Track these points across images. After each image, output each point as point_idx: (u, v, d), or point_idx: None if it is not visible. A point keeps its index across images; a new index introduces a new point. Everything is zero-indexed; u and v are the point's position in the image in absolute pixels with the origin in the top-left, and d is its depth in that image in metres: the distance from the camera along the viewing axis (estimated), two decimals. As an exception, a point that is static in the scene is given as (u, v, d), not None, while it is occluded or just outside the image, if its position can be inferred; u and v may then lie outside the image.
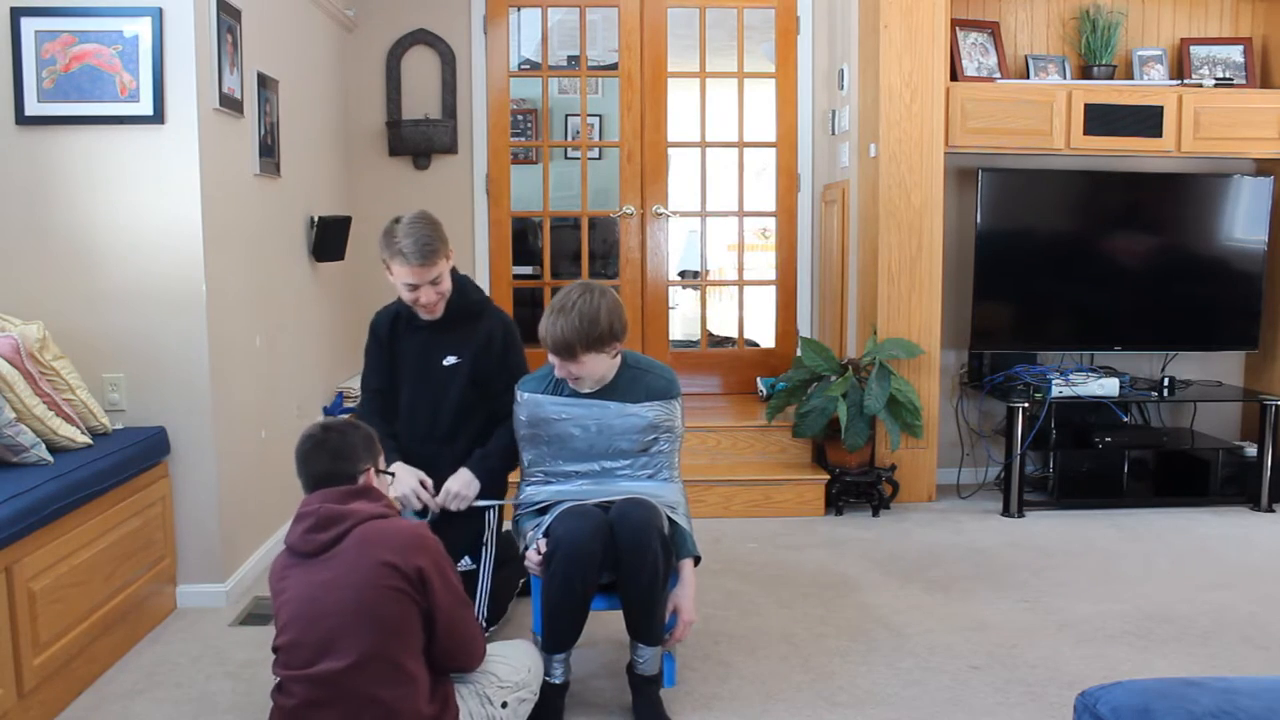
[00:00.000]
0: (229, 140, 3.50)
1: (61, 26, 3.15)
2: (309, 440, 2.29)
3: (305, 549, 2.19)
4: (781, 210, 5.41)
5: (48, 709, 2.63)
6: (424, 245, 2.87)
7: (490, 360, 3.04)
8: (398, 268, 2.89)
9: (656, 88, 5.29)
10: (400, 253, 2.86)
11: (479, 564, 3.05)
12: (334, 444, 2.27)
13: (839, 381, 4.44)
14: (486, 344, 3.04)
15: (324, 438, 2.28)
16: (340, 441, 2.28)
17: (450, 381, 3.03)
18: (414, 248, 2.86)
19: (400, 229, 2.89)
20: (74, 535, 2.75)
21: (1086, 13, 4.90)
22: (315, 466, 2.27)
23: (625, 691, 2.70)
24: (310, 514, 2.21)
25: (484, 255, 5.28)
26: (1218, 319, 4.89)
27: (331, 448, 2.27)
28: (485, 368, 3.04)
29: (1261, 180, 4.83)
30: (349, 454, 2.28)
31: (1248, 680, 1.84)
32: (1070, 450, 4.77)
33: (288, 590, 2.20)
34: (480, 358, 3.03)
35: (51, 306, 3.20)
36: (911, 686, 2.84)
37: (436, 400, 3.04)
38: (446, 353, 3.04)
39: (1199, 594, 3.55)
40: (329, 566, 2.16)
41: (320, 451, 2.27)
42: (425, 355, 3.04)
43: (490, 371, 3.04)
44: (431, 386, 3.04)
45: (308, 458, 2.28)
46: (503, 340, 3.06)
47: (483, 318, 3.07)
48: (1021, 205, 4.83)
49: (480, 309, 3.09)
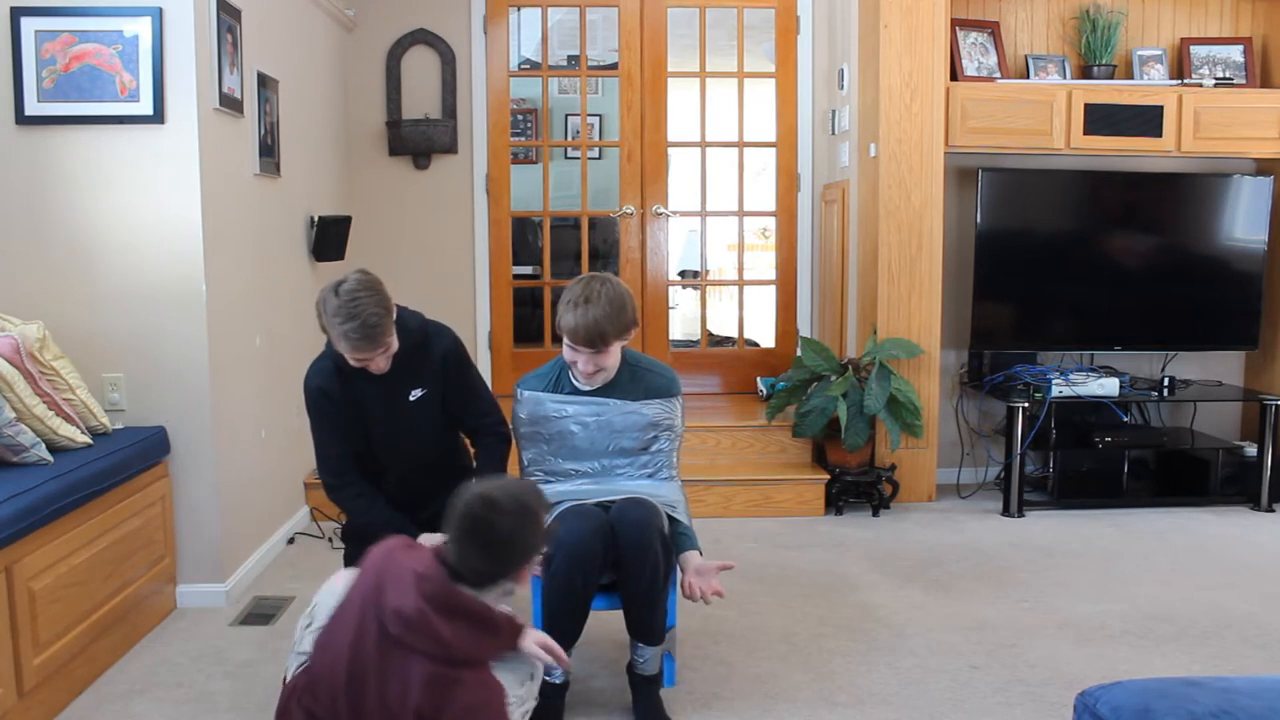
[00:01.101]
0: (229, 140, 3.50)
1: (61, 26, 3.15)
2: (487, 507, 1.98)
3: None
4: (781, 210, 5.41)
5: (48, 709, 2.63)
6: (369, 329, 2.61)
7: (450, 378, 2.89)
8: (343, 348, 2.67)
9: (656, 88, 5.29)
10: (345, 338, 2.62)
11: None
12: (506, 530, 1.98)
13: (839, 381, 4.44)
14: (443, 366, 2.87)
15: (495, 518, 1.98)
16: (514, 528, 1.99)
17: (421, 414, 2.87)
18: (359, 334, 2.60)
19: (339, 307, 2.60)
20: (74, 535, 2.75)
21: (1086, 12, 4.90)
22: (475, 558, 1.98)
23: (625, 691, 2.70)
24: (405, 617, 1.95)
25: (484, 255, 5.28)
26: (1218, 319, 4.89)
27: (502, 534, 1.98)
28: (448, 388, 2.89)
29: (1261, 180, 4.83)
30: (517, 549, 2.00)
31: (1248, 680, 1.84)
32: (1070, 450, 4.77)
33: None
34: (444, 381, 2.88)
35: (51, 306, 3.20)
36: (911, 686, 2.84)
37: (416, 435, 2.89)
38: (410, 387, 2.85)
39: (1199, 594, 3.55)
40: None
41: (490, 532, 1.98)
42: (390, 397, 2.84)
43: (451, 389, 2.90)
44: (405, 423, 2.87)
45: (479, 532, 1.98)
46: (456, 358, 2.90)
47: (430, 342, 2.87)
48: (1021, 205, 4.83)
49: (425, 335, 2.88)
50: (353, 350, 2.66)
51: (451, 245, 5.25)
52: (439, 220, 5.24)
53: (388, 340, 2.69)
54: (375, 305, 2.62)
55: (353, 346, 2.64)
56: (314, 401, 2.82)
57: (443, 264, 5.25)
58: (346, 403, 2.83)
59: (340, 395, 2.82)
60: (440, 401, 2.89)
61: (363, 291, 2.60)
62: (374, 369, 2.75)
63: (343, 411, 2.82)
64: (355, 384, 2.81)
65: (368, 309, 2.59)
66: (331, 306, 2.62)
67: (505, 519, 1.98)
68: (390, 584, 2.00)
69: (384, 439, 2.88)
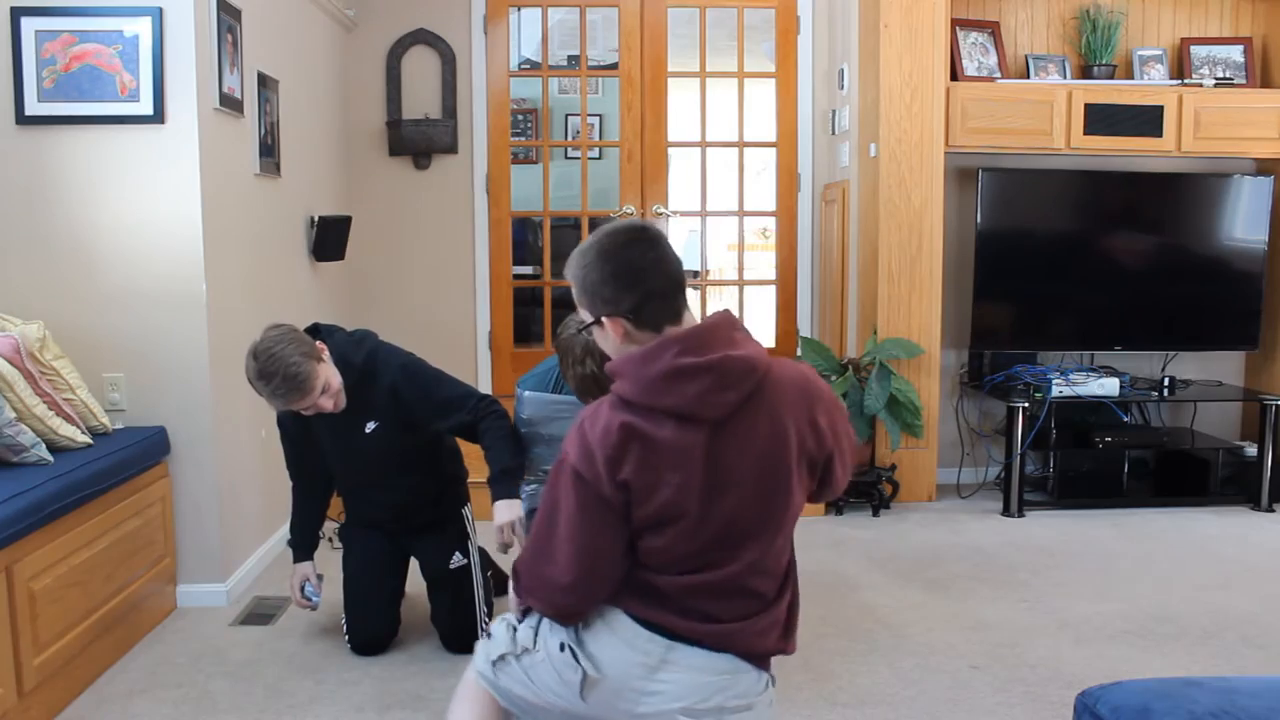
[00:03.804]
0: (229, 140, 3.50)
1: (62, 26, 3.15)
2: (629, 243, 1.71)
3: (707, 415, 1.65)
4: (781, 210, 5.41)
5: (48, 709, 2.63)
6: (292, 380, 2.62)
7: (408, 408, 2.87)
8: (277, 405, 2.73)
9: (656, 88, 5.29)
10: (273, 396, 2.66)
11: (469, 558, 3.06)
12: (664, 243, 1.72)
13: (839, 381, 4.44)
14: (394, 399, 2.85)
15: (650, 234, 1.72)
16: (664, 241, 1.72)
17: (378, 444, 2.90)
18: (286, 387, 2.62)
19: (258, 370, 2.63)
20: (74, 535, 2.75)
21: (1086, 12, 4.90)
22: (659, 279, 1.69)
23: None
24: (713, 364, 1.63)
25: (484, 255, 5.28)
26: (1218, 319, 4.89)
27: (666, 250, 1.72)
28: (409, 416, 2.88)
29: (1261, 180, 4.83)
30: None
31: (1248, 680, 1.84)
32: (1070, 450, 4.77)
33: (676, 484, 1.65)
34: (397, 412, 2.87)
35: (51, 306, 3.20)
36: (911, 686, 2.84)
37: (371, 464, 2.94)
38: (364, 420, 2.87)
39: (1199, 594, 3.55)
40: (740, 435, 1.67)
41: (659, 250, 1.71)
42: (346, 431, 2.89)
43: (417, 415, 2.88)
44: (364, 455, 2.92)
45: (644, 261, 1.69)
46: (408, 388, 2.86)
47: (377, 375, 2.86)
48: (1021, 205, 4.83)
49: (371, 367, 2.86)
50: (287, 404, 2.70)
51: (451, 245, 5.24)
52: (439, 220, 5.24)
53: (320, 384, 2.70)
54: (294, 354, 2.63)
55: (285, 401, 2.68)
56: (279, 427, 3.05)
57: (443, 264, 5.25)
58: (305, 435, 2.98)
59: (296, 430, 2.99)
60: (399, 431, 2.90)
61: (277, 345, 2.63)
62: (327, 410, 2.78)
63: (297, 443, 3.03)
64: (312, 419, 2.88)
65: (286, 360, 2.61)
66: (252, 370, 2.65)
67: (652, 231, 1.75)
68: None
69: (346, 470, 3.03)
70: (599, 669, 1.77)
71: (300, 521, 3.17)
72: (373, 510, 3.08)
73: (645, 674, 1.76)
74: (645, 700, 1.77)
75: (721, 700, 1.78)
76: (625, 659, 1.76)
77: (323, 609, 3.26)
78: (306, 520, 3.18)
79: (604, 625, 1.78)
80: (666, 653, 1.75)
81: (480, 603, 3.04)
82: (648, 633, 1.76)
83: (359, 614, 3.04)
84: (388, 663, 2.99)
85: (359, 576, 3.08)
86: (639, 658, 1.76)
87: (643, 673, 1.76)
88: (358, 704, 2.73)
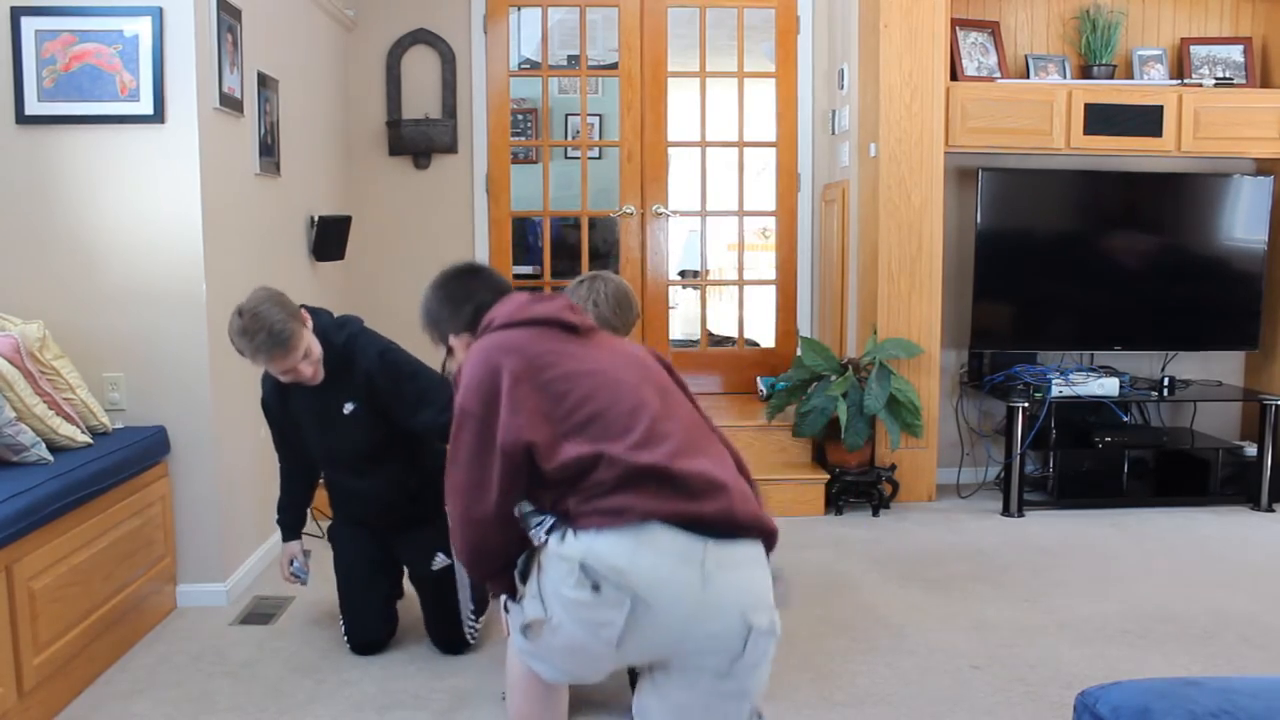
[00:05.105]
0: (229, 140, 3.50)
1: (62, 26, 3.15)
2: (460, 272, 2.13)
3: (576, 323, 1.95)
4: (781, 210, 5.41)
5: (48, 709, 2.63)
6: (277, 335, 2.66)
7: (383, 396, 2.88)
8: (257, 365, 2.77)
9: (656, 87, 5.29)
10: (255, 353, 2.69)
11: (452, 559, 2.97)
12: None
13: (839, 381, 4.44)
14: (370, 386, 2.87)
15: (473, 266, 2.17)
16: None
17: (355, 426, 2.91)
18: (267, 343, 2.66)
19: (243, 326, 2.67)
20: (74, 535, 2.75)
21: (1086, 12, 4.90)
22: (489, 292, 2.06)
23: (625, 691, 2.70)
24: (557, 296, 2.01)
25: (484, 255, 5.28)
26: (1218, 319, 4.89)
27: (488, 272, 2.16)
28: (383, 404, 2.89)
29: (1261, 180, 4.83)
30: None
31: (1248, 680, 1.84)
32: (1070, 450, 4.77)
33: (573, 364, 1.88)
34: (373, 398, 2.88)
35: (51, 306, 3.20)
36: (911, 686, 2.84)
37: (348, 445, 2.95)
38: (342, 401, 2.89)
39: (1199, 594, 3.55)
40: (602, 348, 1.95)
41: (483, 277, 2.12)
42: (323, 409, 2.91)
43: (391, 405, 2.88)
44: (340, 435, 2.93)
45: (473, 280, 2.09)
46: (384, 376, 2.87)
47: (355, 358, 2.88)
48: (1021, 205, 4.83)
49: (349, 349, 2.88)
50: (270, 362, 2.71)
51: (451, 245, 5.24)
52: (439, 220, 5.24)
53: (302, 346, 2.73)
54: (280, 313, 2.68)
55: (269, 357, 2.69)
56: (262, 405, 3.08)
57: (443, 264, 5.15)
58: (286, 416, 3.01)
59: (279, 410, 3.02)
60: (375, 416, 2.90)
61: (264, 305, 2.68)
62: (306, 377, 2.79)
63: (278, 421, 3.06)
64: (293, 398, 2.94)
65: (272, 318, 2.66)
66: (236, 327, 2.68)
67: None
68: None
69: (324, 451, 3.02)
70: (644, 592, 1.73)
71: (287, 502, 3.19)
72: (353, 503, 3.07)
73: (700, 582, 1.75)
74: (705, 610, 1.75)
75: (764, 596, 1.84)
76: (673, 571, 1.74)
77: (323, 608, 3.26)
78: (293, 500, 3.19)
79: (637, 545, 1.74)
80: (705, 553, 1.76)
81: (465, 604, 3.00)
82: (686, 535, 1.75)
83: (354, 616, 3.04)
84: (387, 663, 2.99)
85: (351, 578, 3.07)
86: (684, 569, 1.74)
87: (698, 578, 1.75)
88: (358, 704, 2.73)
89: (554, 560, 1.79)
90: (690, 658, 1.79)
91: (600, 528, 1.75)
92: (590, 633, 1.78)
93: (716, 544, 1.77)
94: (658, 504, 1.75)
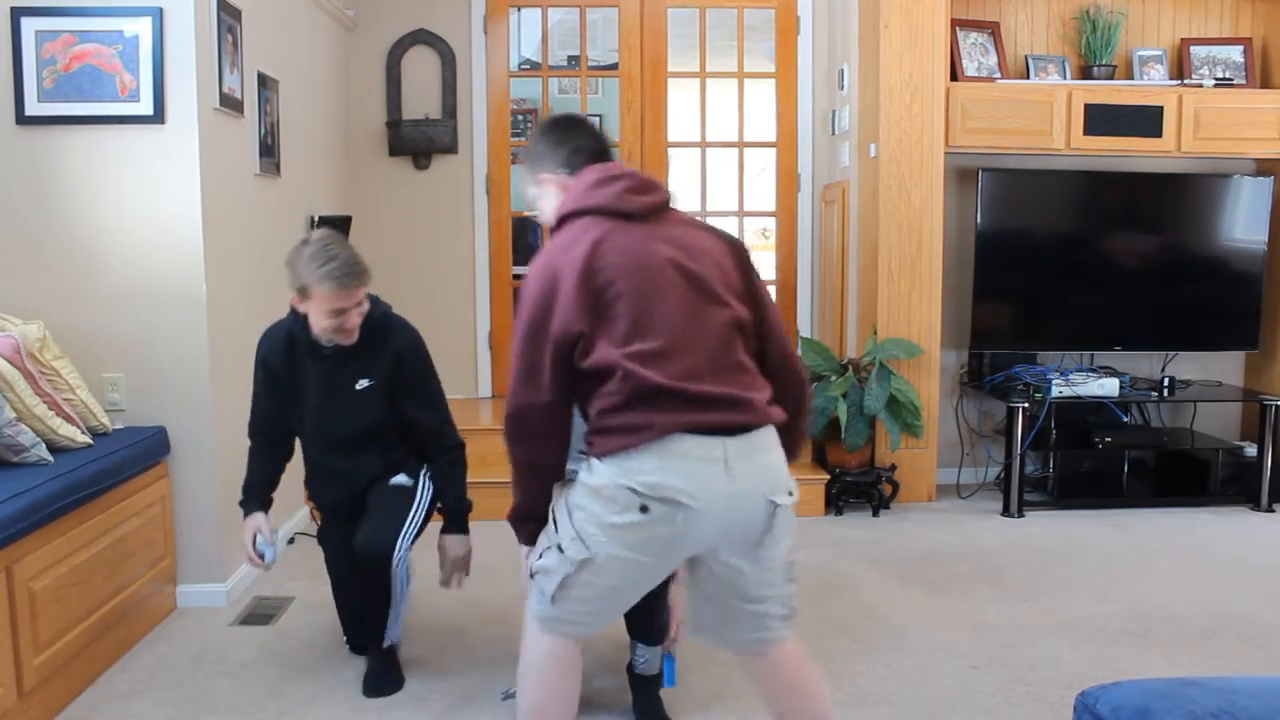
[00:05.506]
0: (229, 140, 3.50)
1: (62, 26, 3.15)
2: (566, 118, 2.19)
3: (632, 210, 1.99)
4: (781, 210, 5.41)
5: (48, 709, 2.63)
6: (352, 265, 2.62)
7: (402, 380, 2.82)
8: (322, 294, 2.62)
9: (656, 88, 5.29)
10: (328, 277, 2.59)
11: (415, 483, 2.87)
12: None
13: (839, 381, 4.44)
14: (397, 364, 2.81)
15: (576, 117, 2.22)
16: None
17: (364, 404, 2.81)
18: (343, 269, 2.61)
19: (316, 251, 2.62)
20: (74, 535, 2.75)
21: (1086, 13, 4.90)
22: (589, 139, 2.14)
23: (625, 692, 2.70)
24: (624, 174, 2.03)
25: (484, 255, 5.28)
26: (1218, 319, 4.89)
27: (590, 124, 2.20)
28: (398, 387, 2.83)
29: (1261, 180, 4.83)
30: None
31: (1248, 680, 1.83)
32: (1070, 450, 4.77)
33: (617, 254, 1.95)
34: (393, 378, 2.82)
35: (51, 306, 3.20)
36: (911, 686, 2.84)
37: (349, 423, 2.83)
38: (357, 376, 2.79)
39: (1199, 594, 3.55)
40: (663, 234, 2.00)
41: (586, 126, 2.17)
42: (334, 381, 2.80)
43: (404, 391, 2.83)
44: (343, 410, 2.81)
45: (576, 128, 2.16)
46: (413, 360, 2.84)
47: (390, 334, 2.82)
48: (1021, 205, 4.83)
49: (386, 323, 2.83)
50: (336, 292, 2.62)
51: (451, 245, 5.25)
52: (439, 220, 5.24)
53: (365, 288, 2.69)
54: (351, 250, 2.67)
55: (337, 286, 2.61)
56: (262, 368, 2.88)
57: (443, 264, 5.25)
58: (287, 380, 2.84)
59: (283, 371, 2.84)
60: (386, 397, 2.83)
61: (334, 242, 2.67)
62: (350, 328, 2.69)
63: (281, 387, 2.86)
64: (303, 362, 2.80)
65: (345, 251, 2.65)
66: (308, 253, 2.64)
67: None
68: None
69: (319, 424, 2.86)
70: (686, 499, 1.88)
71: (255, 479, 2.95)
72: (333, 483, 2.91)
73: (726, 475, 1.90)
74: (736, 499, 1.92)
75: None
76: (702, 472, 1.89)
77: (323, 609, 3.25)
78: (263, 478, 2.96)
79: (663, 460, 1.88)
80: (724, 450, 1.91)
81: (410, 522, 2.77)
82: (705, 437, 1.89)
83: (350, 616, 3.02)
84: (388, 663, 2.99)
85: (343, 579, 3.00)
86: (710, 466, 1.90)
87: (723, 472, 1.90)
88: (358, 704, 2.73)
89: (588, 495, 1.93)
90: (727, 545, 1.97)
91: (627, 450, 1.88)
92: (642, 550, 1.92)
93: (733, 439, 1.92)
94: (673, 417, 1.88)
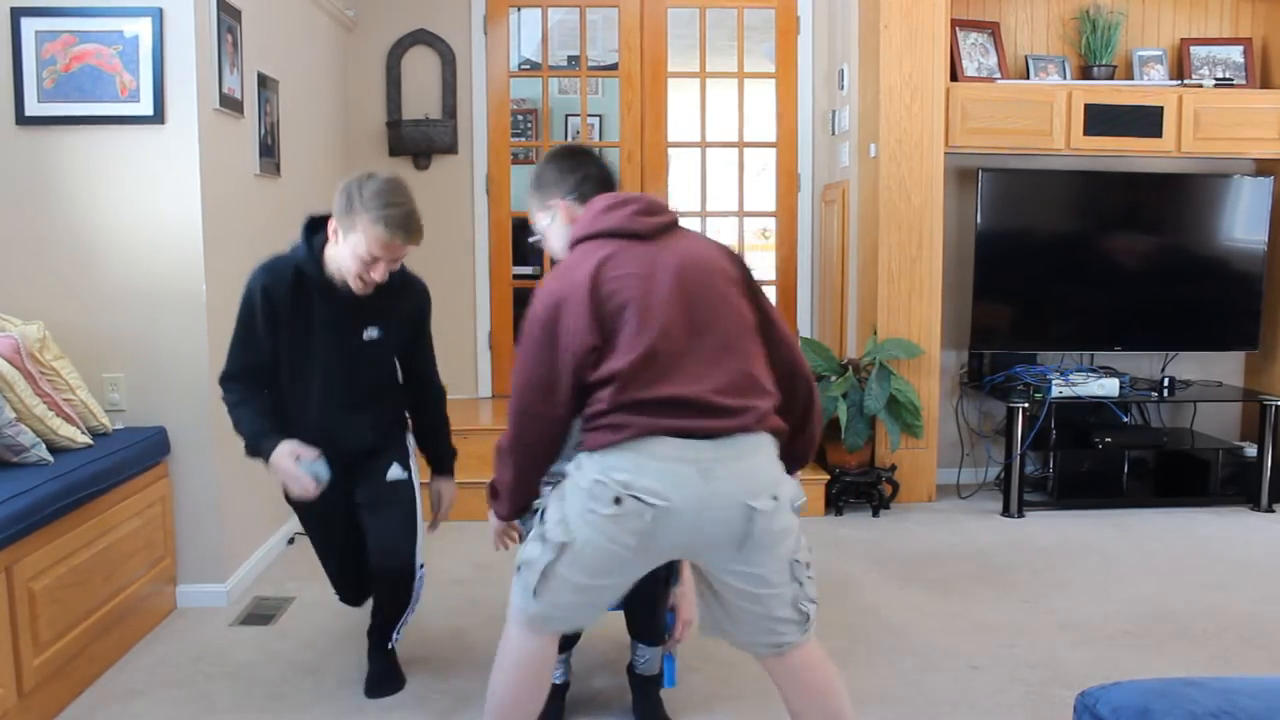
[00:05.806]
0: (229, 140, 3.50)
1: (62, 26, 3.15)
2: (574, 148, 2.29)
3: (640, 230, 2.05)
4: (781, 210, 5.41)
5: (48, 709, 2.63)
6: (412, 218, 2.50)
7: (409, 332, 2.77)
8: (370, 236, 2.45)
9: (656, 88, 5.29)
10: (384, 221, 2.43)
11: (409, 474, 2.81)
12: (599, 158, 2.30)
13: (839, 381, 4.44)
14: (410, 317, 2.76)
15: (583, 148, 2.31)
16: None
17: (369, 355, 2.69)
18: (402, 219, 2.47)
19: (382, 188, 2.47)
20: (74, 535, 2.75)
21: (1086, 13, 4.90)
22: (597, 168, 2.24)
23: (625, 691, 2.70)
24: (633, 199, 2.10)
25: (484, 255, 5.28)
26: (1218, 319, 4.89)
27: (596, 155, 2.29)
28: (405, 340, 2.78)
29: (1261, 180, 4.83)
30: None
31: (1248, 680, 1.83)
32: (1070, 450, 4.77)
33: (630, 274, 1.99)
34: (403, 331, 2.75)
35: (51, 306, 3.20)
36: (911, 686, 2.84)
37: (352, 373, 2.69)
38: (366, 324, 2.65)
39: (1199, 594, 3.55)
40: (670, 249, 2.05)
41: (594, 156, 2.26)
42: (340, 326, 2.63)
43: (408, 343, 2.79)
44: (347, 359, 2.66)
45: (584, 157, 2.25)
46: (424, 315, 2.82)
47: (406, 287, 2.73)
48: (1021, 205, 4.83)
49: (404, 280, 2.73)
50: (385, 238, 2.45)
51: (451, 245, 5.25)
52: (439, 220, 5.21)
53: (411, 248, 2.56)
54: (414, 205, 2.53)
55: (390, 233, 2.45)
56: (263, 298, 2.58)
57: (443, 264, 5.24)
58: (291, 318, 2.60)
59: (288, 306, 2.59)
60: (391, 350, 2.76)
61: (401, 189, 2.51)
62: (369, 280, 2.55)
63: (280, 325, 2.60)
64: (310, 302, 2.60)
65: (410, 203, 2.51)
66: (372, 188, 2.46)
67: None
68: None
69: (320, 374, 2.66)
70: (656, 499, 1.90)
71: (259, 415, 2.64)
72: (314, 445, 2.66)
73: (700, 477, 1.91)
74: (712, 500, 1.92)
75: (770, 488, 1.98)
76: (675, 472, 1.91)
77: (323, 608, 3.25)
78: (261, 412, 2.66)
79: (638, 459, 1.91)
80: (700, 453, 1.91)
81: (419, 532, 2.73)
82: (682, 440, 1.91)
83: (332, 566, 2.91)
84: (388, 663, 2.99)
85: (320, 530, 2.88)
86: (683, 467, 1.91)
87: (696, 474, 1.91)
88: (358, 704, 2.73)
89: (574, 486, 1.97)
90: (708, 548, 1.97)
91: (607, 446, 1.92)
92: (618, 542, 1.93)
93: (712, 443, 1.92)
94: (653, 420, 1.91)
